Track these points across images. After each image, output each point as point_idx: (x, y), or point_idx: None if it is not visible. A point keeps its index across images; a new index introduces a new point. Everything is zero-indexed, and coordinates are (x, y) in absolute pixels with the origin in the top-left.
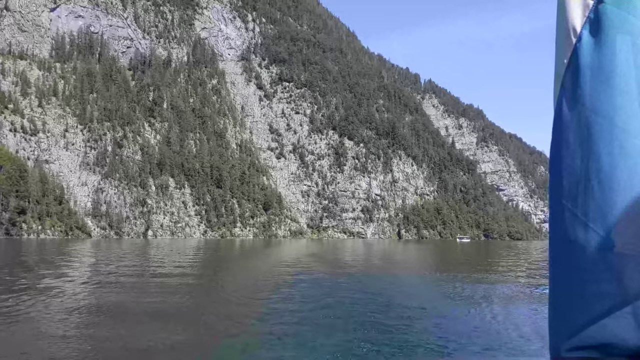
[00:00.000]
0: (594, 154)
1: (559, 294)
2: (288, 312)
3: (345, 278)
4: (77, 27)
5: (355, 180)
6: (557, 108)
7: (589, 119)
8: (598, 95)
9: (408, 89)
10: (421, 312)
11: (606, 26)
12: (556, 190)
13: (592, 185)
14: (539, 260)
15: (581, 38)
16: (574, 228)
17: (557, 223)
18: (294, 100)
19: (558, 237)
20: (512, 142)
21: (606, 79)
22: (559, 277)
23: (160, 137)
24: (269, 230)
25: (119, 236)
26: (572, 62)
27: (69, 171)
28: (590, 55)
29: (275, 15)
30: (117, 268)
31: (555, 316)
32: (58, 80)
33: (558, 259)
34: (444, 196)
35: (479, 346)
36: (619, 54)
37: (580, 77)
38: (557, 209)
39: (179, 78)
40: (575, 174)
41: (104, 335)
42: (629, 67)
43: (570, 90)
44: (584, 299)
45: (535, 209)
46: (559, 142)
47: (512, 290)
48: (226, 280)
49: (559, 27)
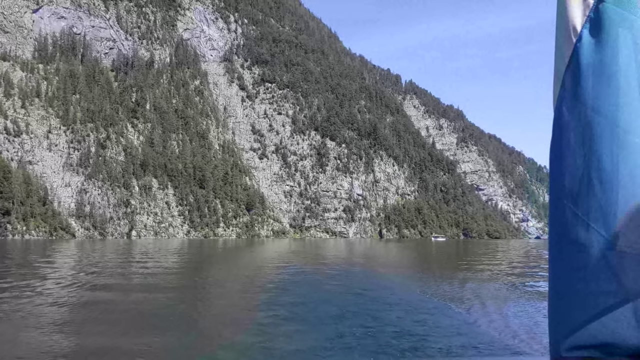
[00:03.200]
0: (595, 153)
1: (559, 293)
2: (280, 311)
3: (331, 275)
4: (60, 28)
5: (337, 181)
6: (557, 107)
7: (590, 118)
8: (599, 95)
9: (389, 90)
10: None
11: (607, 25)
12: (557, 190)
13: (593, 185)
14: (512, 259)
15: (581, 37)
16: (574, 227)
17: (558, 222)
18: (277, 101)
19: (558, 236)
20: (491, 143)
21: (607, 78)
22: (559, 277)
23: (144, 138)
24: (252, 230)
25: (103, 237)
26: (572, 61)
27: (53, 172)
28: (590, 54)
29: (258, 16)
30: (102, 268)
31: (556, 315)
32: (41, 81)
33: (558, 258)
34: (424, 196)
35: (474, 344)
36: (619, 53)
37: (580, 76)
38: (558, 209)
39: (161, 79)
40: (576, 174)
41: (87, 336)
42: (629, 66)
43: (571, 90)
44: (585, 299)
45: (514, 208)
46: (559, 141)
47: (481, 287)
48: (214, 279)
49: (558, 27)
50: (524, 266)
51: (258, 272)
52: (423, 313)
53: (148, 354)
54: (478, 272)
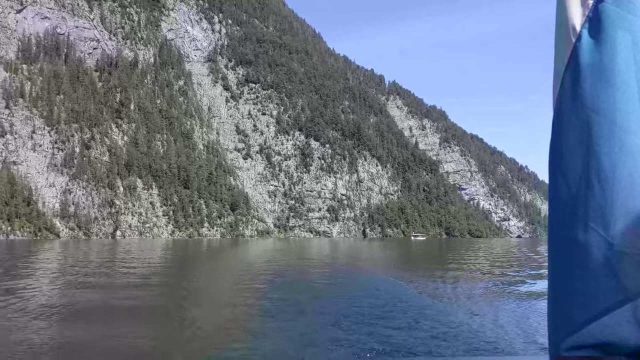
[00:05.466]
0: (594, 153)
1: (559, 293)
2: (271, 309)
3: (316, 274)
4: (44, 29)
5: (321, 181)
6: (556, 107)
7: (589, 118)
8: (598, 95)
9: (373, 91)
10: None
11: (606, 25)
12: (556, 190)
13: (592, 185)
14: (480, 257)
15: (581, 37)
16: (574, 227)
17: (557, 222)
18: (261, 101)
19: (558, 236)
20: (473, 143)
21: (606, 78)
22: (559, 277)
23: (128, 139)
24: (236, 230)
25: (88, 237)
26: (571, 61)
27: (37, 172)
28: (590, 54)
29: (242, 16)
30: (86, 268)
31: (555, 315)
32: (25, 81)
33: (558, 258)
34: (407, 196)
35: (469, 343)
36: (619, 53)
37: (580, 76)
38: (557, 208)
39: (145, 79)
40: (576, 173)
41: (73, 336)
42: (629, 66)
43: (570, 90)
44: (584, 298)
45: (496, 208)
46: (558, 141)
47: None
48: (202, 279)
49: (558, 27)
50: (483, 263)
51: (245, 272)
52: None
53: (139, 352)
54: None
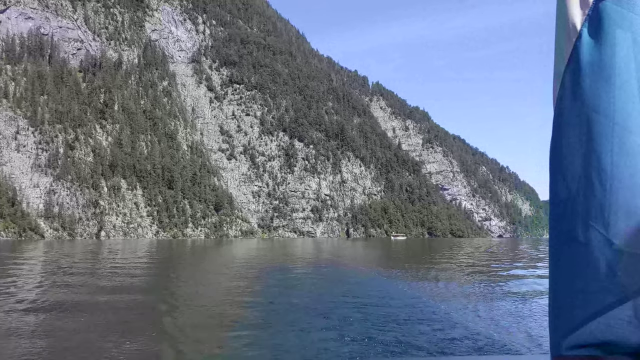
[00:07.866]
0: (595, 152)
1: (560, 293)
2: (262, 309)
3: (303, 272)
4: (27, 29)
5: (305, 181)
6: (557, 106)
7: (589, 117)
8: (598, 93)
9: (356, 92)
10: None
11: (606, 24)
12: (556, 189)
13: (592, 183)
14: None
15: (581, 36)
16: (574, 226)
17: (558, 221)
18: (245, 102)
19: (558, 235)
20: (455, 143)
21: (606, 77)
22: (560, 276)
23: (112, 139)
24: (220, 231)
25: (72, 237)
26: (572, 60)
27: (21, 173)
28: (590, 53)
29: (226, 17)
30: (71, 268)
31: (556, 314)
32: (8, 82)
33: (558, 257)
34: (390, 196)
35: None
36: (619, 51)
37: (580, 75)
38: (558, 208)
39: (129, 80)
40: (576, 172)
41: (58, 335)
42: (629, 65)
43: (570, 89)
44: (585, 298)
45: (477, 208)
46: (559, 140)
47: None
48: (188, 278)
49: (558, 26)
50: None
51: (230, 272)
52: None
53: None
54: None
